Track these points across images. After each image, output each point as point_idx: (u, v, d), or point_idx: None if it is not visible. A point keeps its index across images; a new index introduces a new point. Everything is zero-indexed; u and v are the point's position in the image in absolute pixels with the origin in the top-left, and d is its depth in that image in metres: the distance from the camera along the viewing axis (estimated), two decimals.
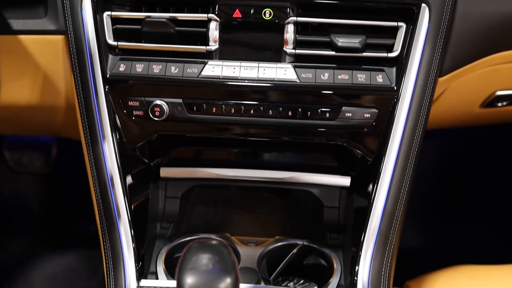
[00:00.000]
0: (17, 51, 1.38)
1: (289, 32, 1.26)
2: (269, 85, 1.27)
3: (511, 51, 1.41)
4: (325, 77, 1.27)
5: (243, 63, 1.28)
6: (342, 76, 1.27)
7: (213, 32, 1.27)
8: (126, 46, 1.30)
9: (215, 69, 1.28)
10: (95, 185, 1.34)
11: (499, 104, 1.67)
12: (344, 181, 1.47)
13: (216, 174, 1.47)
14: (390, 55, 1.27)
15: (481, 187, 2.51)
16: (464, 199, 2.50)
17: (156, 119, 1.30)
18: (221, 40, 1.28)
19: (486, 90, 1.59)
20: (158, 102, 1.29)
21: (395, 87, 1.28)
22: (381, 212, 1.31)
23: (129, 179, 1.37)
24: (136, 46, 1.30)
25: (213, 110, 1.30)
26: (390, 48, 1.28)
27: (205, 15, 1.27)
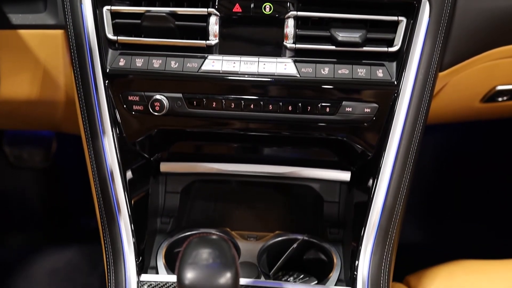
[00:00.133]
0: (17, 45, 1.38)
1: (289, 27, 1.26)
2: (269, 79, 1.27)
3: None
4: (325, 72, 1.27)
5: (243, 58, 1.28)
6: (342, 70, 1.27)
7: (213, 26, 1.27)
8: (126, 41, 1.30)
9: (215, 63, 1.27)
10: (95, 180, 1.34)
11: (500, 99, 1.67)
12: (344, 176, 1.47)
13: (216, 169, 1.47)
14: (390, 49, 1.27)
15: (481, 182, 2.51)
16: (464, 193, 2.51)
17: (156, 113, 1.30)
18: (221, 34, 1.28)
19: (486, 85, 1.59)
20: (158, 96, 1.29)
21: (395, 82, 1.27)
22: (381, 207, 1.31)
23: (129, 174, 1.37)
24: (136, 41, 1.30)
25: (213, 105, 1.30)
26: (390, 43, 1.28)
27: (205, 9, 1.26)
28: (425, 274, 1.45)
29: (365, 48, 1.27)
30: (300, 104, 1.29)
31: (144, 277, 1.33)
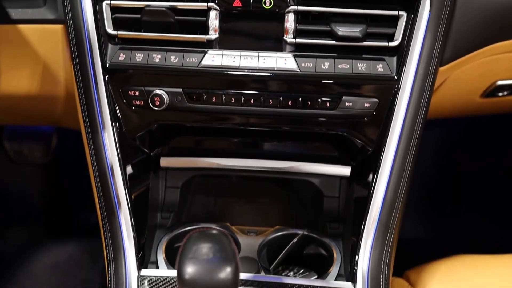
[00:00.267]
0: (16, 40, 1.38)
1: (289, 21, 1.26)
2: (269, 74, 1.27)
3: None
4: (325, 67, 1.27)
5: (243, 53, 1.27)
6: (342, 65, 1.27)
7: (213, 21, 1.26)
8: (125, 36, 1.30)
9: (215, 58, 1.27)
10: (95, 175, 1.34)
11: (500, 94, 1.67)
12: (344, 170, 1.47)
13: (216, 164, 1.47)
14: (390, 44, 1.27)
15: (481, 177, 2.51)
16: (464, 188, 2.51)
17: (156, 108, 1.30)
18: (221, 29, 1.27)
19: (486, 80, 1.59)
20: (158, 91, 1.29)
21: (395, 77, 1.27)
22: (381, 201, 1.31)
23: (129, 169, 1.37)
24: (135, 36, 1.30)
25: (213, 100, 1.29)
26: (390, 37, 1.27)
27: (205, 4, 1.26)
28: (425, 269, 1.45)
29: (365, 43, 1.26)
30: (300, 99, 1.28)
31: (145, 271, 1.33)
